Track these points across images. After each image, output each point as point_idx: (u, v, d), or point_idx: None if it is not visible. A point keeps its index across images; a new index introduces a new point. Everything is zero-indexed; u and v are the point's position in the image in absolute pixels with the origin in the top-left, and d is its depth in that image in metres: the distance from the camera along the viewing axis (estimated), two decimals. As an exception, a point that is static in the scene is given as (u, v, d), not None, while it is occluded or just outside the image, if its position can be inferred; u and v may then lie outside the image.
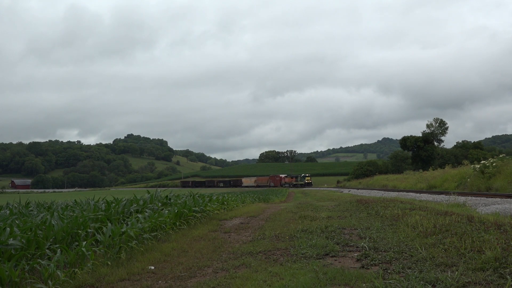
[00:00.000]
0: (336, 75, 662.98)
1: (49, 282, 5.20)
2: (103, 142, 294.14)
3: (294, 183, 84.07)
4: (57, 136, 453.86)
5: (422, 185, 35.38)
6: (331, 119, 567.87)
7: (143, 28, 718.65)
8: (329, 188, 60.44)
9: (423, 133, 76.62)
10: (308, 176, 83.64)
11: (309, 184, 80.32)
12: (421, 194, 23.93)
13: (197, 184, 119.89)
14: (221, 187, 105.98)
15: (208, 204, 14.59)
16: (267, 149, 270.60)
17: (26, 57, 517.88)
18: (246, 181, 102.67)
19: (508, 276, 4.58)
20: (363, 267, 5.67)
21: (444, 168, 40.56)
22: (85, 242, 6.64)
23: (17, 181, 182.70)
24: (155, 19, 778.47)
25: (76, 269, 5.87)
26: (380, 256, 6.11)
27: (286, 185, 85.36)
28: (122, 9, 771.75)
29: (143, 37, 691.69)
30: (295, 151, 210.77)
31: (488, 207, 12.64)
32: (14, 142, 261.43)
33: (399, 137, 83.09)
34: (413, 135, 77.43)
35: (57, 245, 6.57)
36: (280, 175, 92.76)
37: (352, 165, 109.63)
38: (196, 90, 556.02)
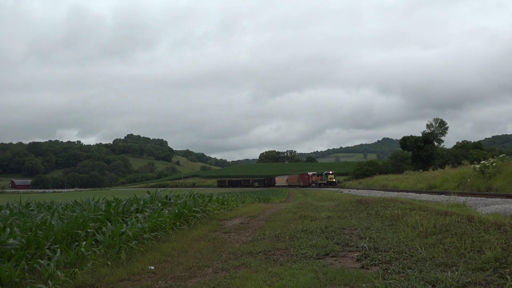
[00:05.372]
0: (336, 75, 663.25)
1: (49, 282, 5.19)
2: (103, 142, 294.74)
3: (320, 182, 71.81)
4: (57, 136, 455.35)
5: (422, 185, 35.38)
6: (331, 119, 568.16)
7: (144, 29, 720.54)
8: (329, 188, 60.41)
9: (423, 133, 76.54)
10: (331, 174, 71.43)
11: (332, 184, 68.54)
12: (421, 194, 23.93)
13: (233, 184, 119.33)
14: (256, 186, 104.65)
15: (208, 204, 14.59)
16: (267, 149, 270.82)
17: (28, 58, 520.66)
18: (279, 180, 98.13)
19: (508, 276, 4.58)
20: (363, 267, 5.67)
21: (444, 168, 40.55)
22: (85, 242, 6.64)
23: (17, 181, 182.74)
24: (156, 20, 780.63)
25: (76, 269, 5.87)
26: (380, 256, 6.11)
27: (313, 184, 73.39)
28: (124, 10, 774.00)
29: (144, 38, 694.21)
30: (295, 151, 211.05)
31: (488, 207, 12.63)
32: (14, 142, 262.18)
33: (399, 137, 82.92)
34: (413, 135, 77.33)
35: (57, 245, 6.57)
36: (308, 173, 79.26)
37: (352, 165, 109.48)
38: (196, 91, 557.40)
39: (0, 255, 5.84)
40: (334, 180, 69.96)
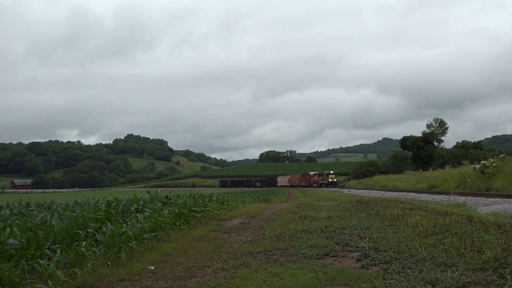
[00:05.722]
0: (336, 75, 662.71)
1: (49, 282, 5.19)
2: (103, 142, 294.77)
3: (321, 182, 71.09)
4: (57, 136, 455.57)
5: (422, 185, 35.37)
6: (331, 119, 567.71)
7: (144, 29, 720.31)
8: (329, 188, 60.39)
9: (423, 133, 76.48)
10: (332, 174, 70.68)
11: (333, 183, 68.01)
12: (421, 194, 23.93)
13: (235, 184, 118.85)
14: (258, 186, 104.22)
15: (208, 204, 14.59)
16: (267, 149, 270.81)
17: (28, 58, 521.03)
18: (280, 180, 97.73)
19: (508, 276, 4.58)
20: (363, 267, 5.67)
21: (444, 168, 40.54)
22: (85, 242, 6.64)
23: (17, 181, 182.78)
24: (157, 20, 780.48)
25: (76, 269, 5.87)
26: (380, 256, 6.11)
27: (314, 184, 72.72)
28: (124, 10, 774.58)
29: (144, 38, 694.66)
30: (295, 151, 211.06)
31: (488, 207, 12.63)
32: (14, 142, 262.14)
33: (399, 137, 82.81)
34: (413, 135, 77.28)
35: (57, 245, 6.57)
36: (310, 173, 78.60)
37: (352, 165, 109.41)
38: (196, 91, 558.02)
39: (0, 255, 5.84)
40: (335, 180, 69.73)
